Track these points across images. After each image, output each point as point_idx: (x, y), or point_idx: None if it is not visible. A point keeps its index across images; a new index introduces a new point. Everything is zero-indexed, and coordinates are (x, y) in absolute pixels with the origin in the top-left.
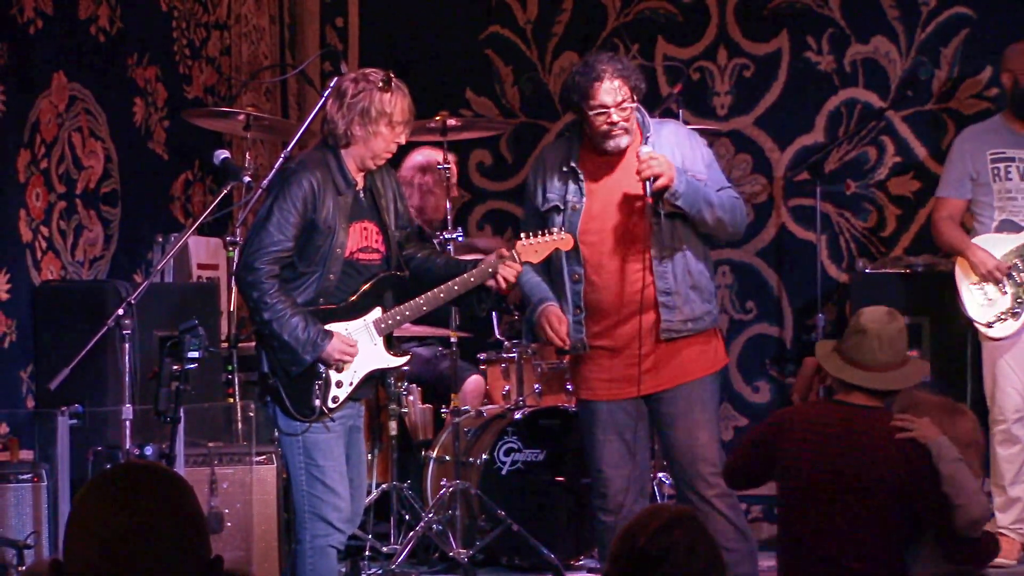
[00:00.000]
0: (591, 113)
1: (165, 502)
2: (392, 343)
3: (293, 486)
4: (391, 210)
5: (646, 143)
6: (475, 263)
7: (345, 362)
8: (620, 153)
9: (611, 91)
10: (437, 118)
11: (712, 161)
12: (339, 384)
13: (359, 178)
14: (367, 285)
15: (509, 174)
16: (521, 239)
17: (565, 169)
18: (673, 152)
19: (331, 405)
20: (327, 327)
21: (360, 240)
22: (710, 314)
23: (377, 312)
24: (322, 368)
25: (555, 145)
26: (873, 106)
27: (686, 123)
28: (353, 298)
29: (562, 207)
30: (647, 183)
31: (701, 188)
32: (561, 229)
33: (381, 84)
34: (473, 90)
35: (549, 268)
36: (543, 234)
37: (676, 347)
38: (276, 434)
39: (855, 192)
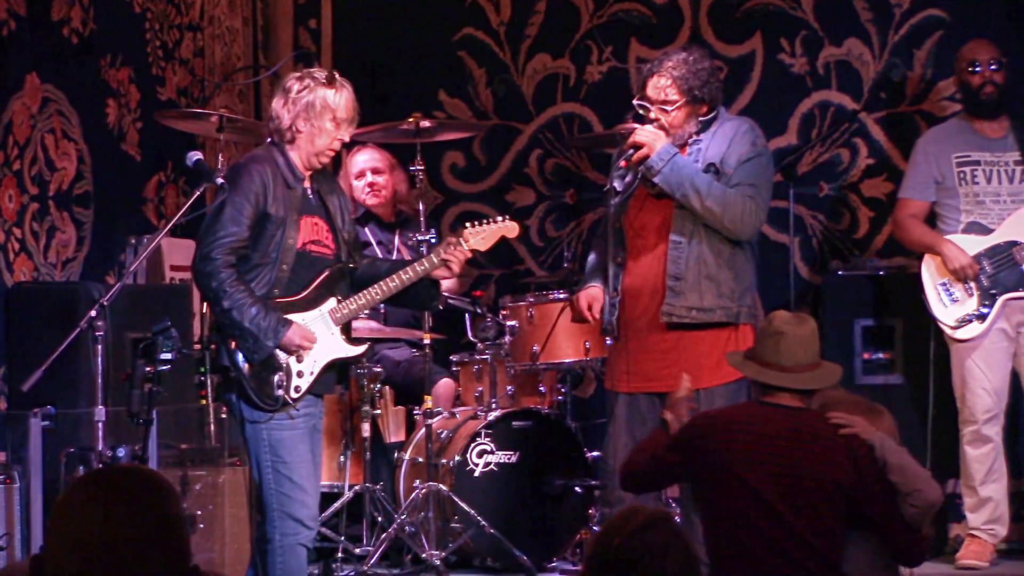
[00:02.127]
0: (635, 103)
1: (148, 506)
2: (349, 333)
3: (262, 485)
4: (339, 213)
5: (703, 131)
6: (421, 258)
7: (305, 349)
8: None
9: (656, 88)
10: (410, 120)
11: (751, 160)
12: (300, 374)
13: (306, 175)
14: (321, 277)
15: (482, 176)
16: (468, 227)
17: (631, 155)
18: (722, 143)
19: (294, 395)
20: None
21: (311, 233)
22: (726, 309)
23: (332, 302)
24: (283, 358)
25: None
26: (846, 108)
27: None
28: (307, 290)
29: (619, 190)
30: (632, 150)
31: (692, 174)
32: (506, 218)
33: (325, 80)
34: (446, 92)
35: (606, 251)
36: (489, 221)
37: (689, 343)
38: (242, 432)
39: (828, 194)
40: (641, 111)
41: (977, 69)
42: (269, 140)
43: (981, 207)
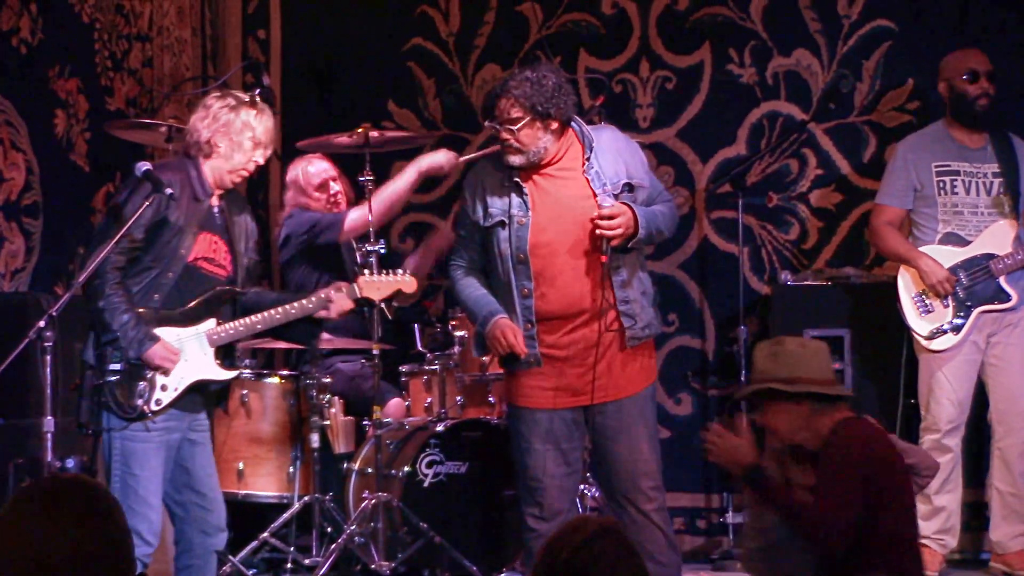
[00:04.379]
0: (485, 124)
1: (91, 515)
2: (226, 356)
3: None
4: (243, 237)
5: (590, 153)
6: (308, 295)
7: (165, 368)
8: (553, 164)
9: (501, 109)
10: (359, 130)
11: (647, 167)
12: (164, 388)
13: (216, 192)
14: (205, 295)
15: (431, 186)
16: (365, 275)
17: (507, 184)
18: (616, 158)
19: (154, 408)
20: (159, 330)
21: (207, 250)
22: (656, 318)
23: (211, 323)
24: (148, 371)
25: (491, 160)
26: (795, 119)
27: None
28: (189, 305)
29: (507, 221)
30: (604, 241)
31: (654, 221)
32: (407, 272)
33: (248, 101)
34: (395, 102)
35: (493, 282)
36: (388, 274)
37: (626, 356)
38: (97, 436)
39: (777, 204)
40: (493, 132)
41: (977, 80)
42: (183, 152)
43: (959, 218)
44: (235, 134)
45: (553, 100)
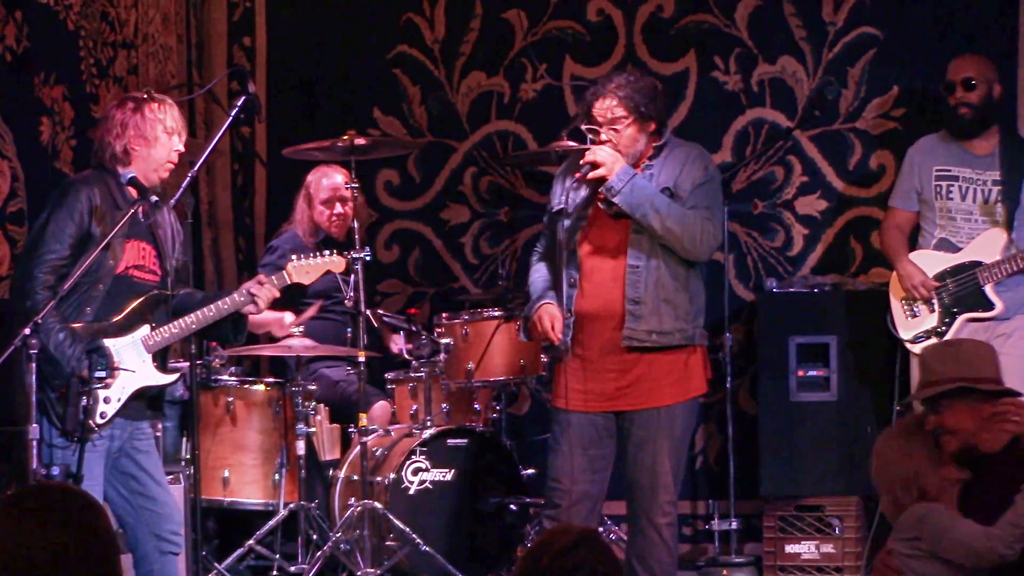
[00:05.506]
0: (584, 128)
1: (78, 523)
2: (163, 360)
3: None
4: (168, 239)
5: (655, 156)
6: (233, 291)
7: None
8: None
9: (603, 110)
10: (345, 137)
11: (705, 184)
12: (107, 400)
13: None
14: (137, 303)
15: (417, 193)
16: (293, 260)
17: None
18: (674, 168)
19: (100, 421)
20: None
21: (136, 258)
22: (683, 332)
23: (146, 329)
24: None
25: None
26: (780, 126)
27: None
28: (122, 315)
29: (569, 211)
30: (588, 166)
31: (652, 195)
32: (333, 252)
33: (145, 97)
34: (381, 109)
35: (555, 271)
36: (317, 256)
37: (648, 363)
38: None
39: (762, 212)
40: (591, 135)
41: (953, 91)
42: (98, 166)
43: (952, 224)
44: (148, 132)
45: (653, 102)
